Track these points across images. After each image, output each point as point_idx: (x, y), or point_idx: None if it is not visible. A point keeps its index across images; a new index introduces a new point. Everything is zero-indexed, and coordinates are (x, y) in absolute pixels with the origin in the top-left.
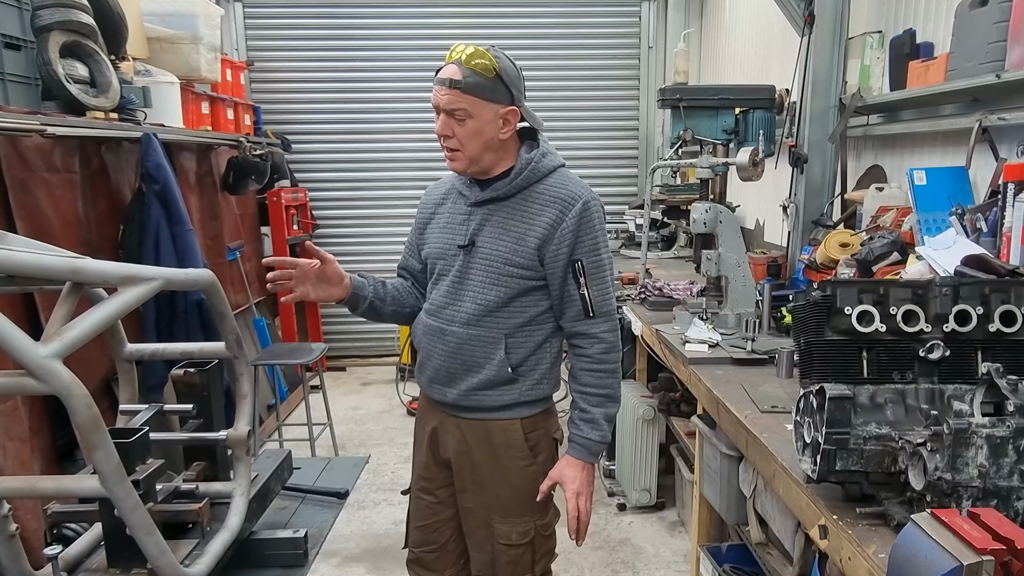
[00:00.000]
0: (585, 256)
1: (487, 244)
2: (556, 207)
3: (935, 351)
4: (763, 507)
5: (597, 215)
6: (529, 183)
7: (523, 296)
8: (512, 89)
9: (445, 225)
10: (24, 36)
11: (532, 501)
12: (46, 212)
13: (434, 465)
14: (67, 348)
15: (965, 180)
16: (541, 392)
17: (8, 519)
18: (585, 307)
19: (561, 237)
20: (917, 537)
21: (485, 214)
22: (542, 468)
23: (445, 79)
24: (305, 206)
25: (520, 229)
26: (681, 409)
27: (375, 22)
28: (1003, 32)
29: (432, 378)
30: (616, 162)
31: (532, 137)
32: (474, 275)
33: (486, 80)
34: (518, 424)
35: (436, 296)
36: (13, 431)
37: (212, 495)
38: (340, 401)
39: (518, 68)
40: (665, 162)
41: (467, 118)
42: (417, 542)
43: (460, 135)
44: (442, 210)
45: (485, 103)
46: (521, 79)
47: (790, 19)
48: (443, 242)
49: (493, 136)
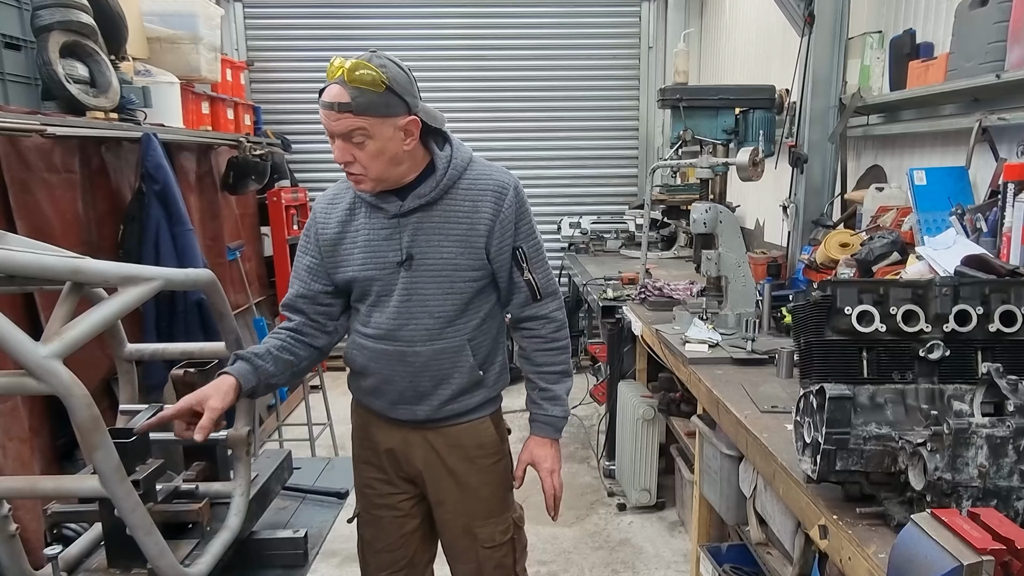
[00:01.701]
0: (524, 242)
1: (429, 254)
2: (490, 199)
3: (935, 351)
4: (763, 507)
5: (525, 198)
6: (453, 181)
7: (476, 296)
8: (406, 98)
9: (366, 243)
10: (24, 36)
11: (507, 495)
12: (46, 212)
13: (399, 480)
14: (67, 348)
15: (965, 180)
16: (503, 383)
17: (8, 519)
18: (532, 291)
19: (503, 228)
20: (917, 537)
21: (415, 223)
22: (508, 458)
23: (332, 103)
24: (305, 206)
25: (461, 230)
26: (681, 409)
27: (375, 22)
28: (1003, 32)
29: (396, 401)
30: (616, 162)
31: (431, 132)
32: (423, 289)
33: (377, 96)
34: (488, 421)
35: (381, 319)
36: (13, 431)
37: (212, 495)
38: (340, 401)
39: (407, 70)
40: (665, 162)
41: (366, 139)
42: (382, 565)
43: (362, 159)
44: (354, 227)
45: (381, 120)
46: (413, 82)
47: (790, 19)
48: (372, 262)
49: (397, 151)
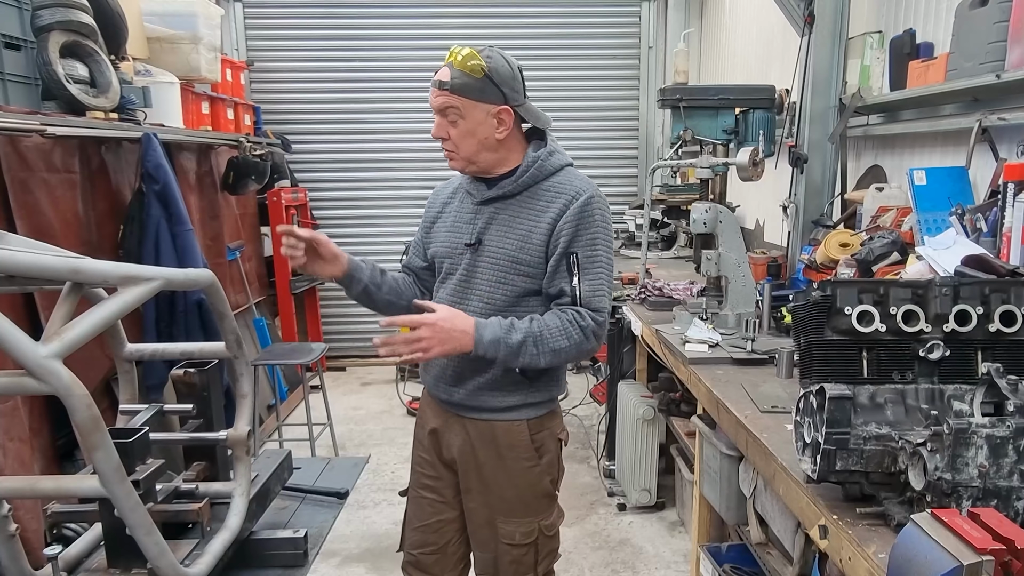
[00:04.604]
0: (581, 249)
1: (493, 242)
2: (560, 202)
3: (935, 351)
4: (763, 507)
5: (599, 211)
6: (535, 181)
7: (530, 296)
8: (504, 89)
9: (452, 224)
10: (24, 36)
11: (536, 502)
12: (46, 212)
13: (440, 464)
14: (67, 348)
15: (965, 180)
16: (547, 394)
17: (8, 519)
18: (574, 299)
19: (560, 229)
20: (917, 537)
21: (492, 212)
22: (546, 469)
23: (436, 81)
24: (305, 206)
25: (526, 227)
26: (681, 409)
27: (375, 22)
28: (1003, 32)
29: (439, 377)
30: (616, 162)
31: (541, 137)
32: (481, 274)
33: (475, 81)
34: (524, 425)
35: (443, 295)
36: (13, 431)
37: (212, 495)
38: (340, 401)
39: (515, 68)
40: (665, 162)
41: (459, 118)
42: (415, 543)
43: (454, 136)
44: (449, 208)
45: (474, 103)
46: (517, 79)
47: (790, 19)
48: (450, 241)
49: (488, 136)
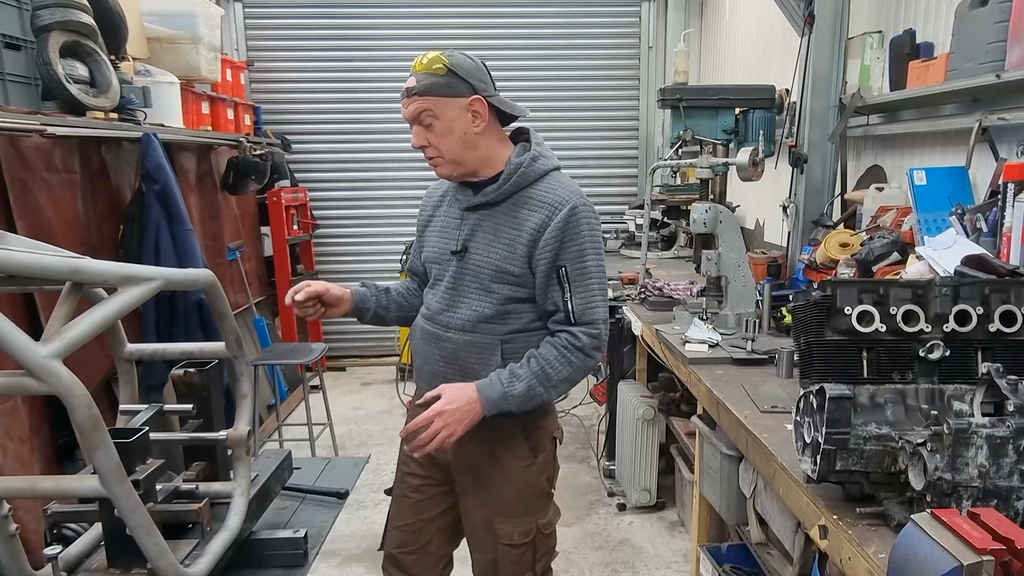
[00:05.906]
0: (569, 263)
1: (479, 251)
2: (543, 211)
3: (935, 351)
4: (763, 507)
5: (586, 221)
6: (519, 188)
7: (517, 303)
8: (471, 80)
9: (441, 229)
10: (24, 36)
11: (533, 501)
12: (46, 212)
13: (431, 465)
14: (67, 348)
15: (965, 180)
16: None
17: (8, 519)
18: (567, 315)
19: (544, 243)
20: (917, 537)
21: (477, 219)
22: (542, 468)
23: (404, 90)
24: (305, 206)
25: (510, 236)
26: (681, 409)
27: (375, 22)
28: (1003, 32)
29: (430, 382)
30: (616, 162)
31: (527, 139)
32: (468, 282)
33: (440, 78)
34: (519, 425)
35: (432, 301)
36: (13, 431)
37: (212, 495)
38: (340, 401)
39: (478, 62)
40: (665, 162)
41: (433, 120)
42: (396, 542)
43: (433, 140)
44: (439, 213)
45: (445, 100)
46: (481, 70)
47: (790, 19)
48: (438, 247)
49: (467, 131)
